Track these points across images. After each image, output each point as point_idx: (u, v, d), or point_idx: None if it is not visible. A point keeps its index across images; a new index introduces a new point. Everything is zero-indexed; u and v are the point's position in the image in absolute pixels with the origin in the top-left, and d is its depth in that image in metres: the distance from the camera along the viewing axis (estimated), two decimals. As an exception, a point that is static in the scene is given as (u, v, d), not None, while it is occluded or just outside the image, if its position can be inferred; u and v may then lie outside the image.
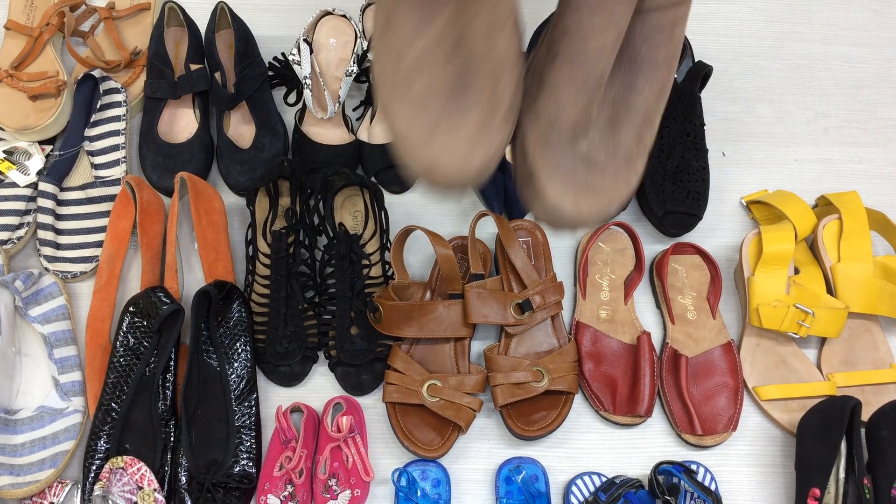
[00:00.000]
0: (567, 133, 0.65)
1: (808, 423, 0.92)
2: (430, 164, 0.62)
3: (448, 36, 0.60)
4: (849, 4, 1.28)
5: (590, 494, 0.90)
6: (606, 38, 0.61)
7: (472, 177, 0.63)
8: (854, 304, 0.98)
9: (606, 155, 0.66)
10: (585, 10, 0.60)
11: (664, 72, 0.65)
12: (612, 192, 0.66)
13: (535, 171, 0.66)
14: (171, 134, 1.08)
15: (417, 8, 0.60)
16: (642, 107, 0.65)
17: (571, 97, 0.63)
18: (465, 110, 0.62)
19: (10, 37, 1.11)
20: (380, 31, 0.64)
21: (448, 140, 0.62)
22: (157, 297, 0.91)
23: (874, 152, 1.17)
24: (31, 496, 0.87)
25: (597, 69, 0.62)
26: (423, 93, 0.62)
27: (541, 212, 0.68)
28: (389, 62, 0.63)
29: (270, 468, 0.90)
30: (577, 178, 0.65)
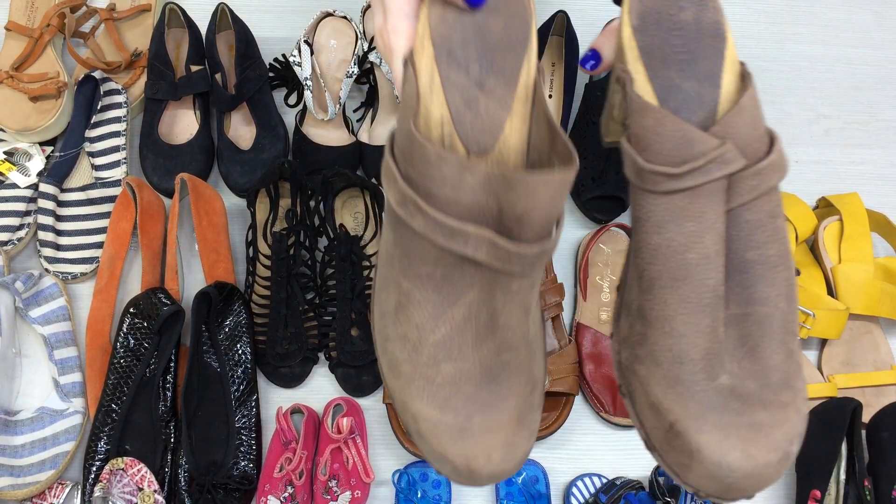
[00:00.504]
0: (701, 367, 0.51)
1: (809, 425, 0.91)
2: (466, 465, 0.51)
3: (475, 319, 0.52)
4: (850, 6, 1.28)
5: (590, 496, 0.90)
6: (706, 246, 0.50)
7: (512, 471, 0.53)
8: (855, 305, 0.98)
9: (757, 384, 0.52)
10: (671, 222, 0.50)
11: (784, 270, 0.54)
12: (784, 425, 0.50)
13: (677, 422, 0.51)
14: (171, 135, 1.08)
15: (436, 292, 0.51)
16: (776, 316, 0.53)
17: (692, 324, 0.51)
18: (501, 398, 0.53)
19: (11, 38, 1.11)
20: (390, 312, 0.54)
21: (486, 435, 0.51)
22: (158, 299, 0.91)
23: (875, 154, 1.17)
24: (32, 497, 0.87)
25: (707, 283, 0.51)
26: (449, 383, 0.52)
27: (701, 479, 0.50)
28: (406, 348, 0.53)
29: (271, 469, 0.89)
30: (734, 418, 0.50)
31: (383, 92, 1.09)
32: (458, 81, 0.52)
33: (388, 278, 0.54)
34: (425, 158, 0.47)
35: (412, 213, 0.49)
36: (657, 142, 0.49)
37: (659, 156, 0.49)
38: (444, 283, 0.51)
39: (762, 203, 0.53)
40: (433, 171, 0.47)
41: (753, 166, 0.51)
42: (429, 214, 0.48)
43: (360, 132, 1.09)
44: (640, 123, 0.50)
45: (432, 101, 0.51)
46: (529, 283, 0.51)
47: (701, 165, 0.49)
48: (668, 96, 0.52)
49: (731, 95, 0.53)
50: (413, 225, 0.49)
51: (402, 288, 0.52)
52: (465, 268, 0.50)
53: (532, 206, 0.46)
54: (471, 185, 0.47)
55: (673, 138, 0.49)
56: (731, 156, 0.49)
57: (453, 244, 0.48)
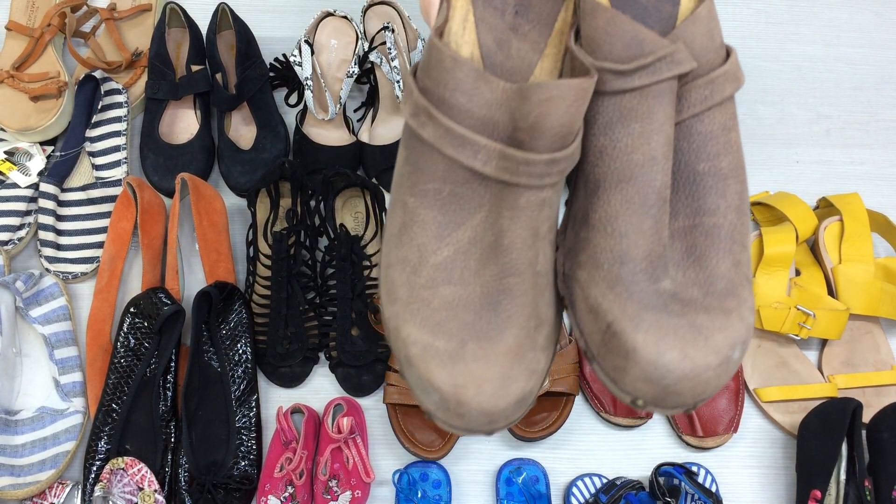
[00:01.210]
0: (643, 267, 0.49)
1: (809, 425, 0.91)
2: (454, 394, 0.47)
3: (480, 242, 0.50)
4: (850, 6, 1.28)
5: (590, 496, 0.90)
6: (653, 148, 0.49)
7: (506, 411, 0.48)
8: (855, 305, 0.98)
9: (701, 292, 0.50)
10: (618, 123, 0.49)
11: (735, 183, 0.52)
12: (727, 330, 0.48)
13: (614, 322, 0.48)
14: (172, 135, 1.08)
15: (441, 212, 0.49)
16: (724, 227, 0.51)
17: (634, 224, 0.49)
18: (499, 329, 0.49)
19: (12, 37, 1.11)
20: (395, 235, 0.52)
21: (477, 364, 0.47)
22: (158, 298, 0.91)
23: (876, 154, 1.17)
24: (32, 497, 0.87)
25: (653, 184, 0.49)
26: (445, 306, 0.49)
27: (637, 382, 0.48)
28: (405, 271, 0.51)
29: (271, 469, 0.90)
30: (674, 320, 0.48)
31: (383, 92, 1.09)
32: (493, 23, 0.51)
33: (396, 200, 0.52)
34: (441, 64, 0.46)
35: (423, 122, 0.48)
36: (607, 42, 0.48)
37: (609, 55, 0.48)
38: (451, 202, 0.49)
39: (715, 114, 0.52)
40: (447, 77, 0.46)
41: (707, 75, 0.50)
42: (439, 122, 0.47)
43: (360, 132, 1.09)
44: (591, 24, 0.48)
45: (464, 39, 0.51)
46: (538, 201, 0.48)
47: (650, 63, 0.47)
48: (624, 7, 0.51)
49: (689, 12, 0.51)
50: (423, 135, 0.48)
51: (407, 206, 0.51)
52: (474, 186, 0.49)
53: (546, 112, 0.45)
54: (486, 98, 0.46)
55: (623, 38, 0.48)
56: (682, 56, 0.48)
57: (462, 155, 0.47)
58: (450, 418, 0.48)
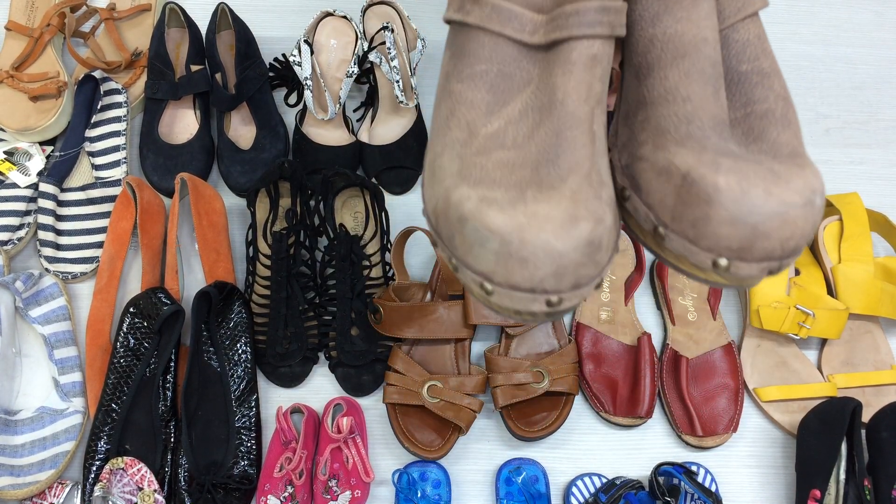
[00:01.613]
0: (712, 126, 0.48)
1: (809, 425, 0.91)
2: (516, 233, 0.43)
3: (532, 110, 0.48)
4: (850, 5, 1.28)
5: (590, 495, 0.90)
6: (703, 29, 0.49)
7: (574, 254, 0.43)
8: (855, 305, 0.98)
9: (769, 156, 0.49)
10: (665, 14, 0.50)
11: (777, 79, 0.53)
12: (805, 179, 0.46)
13: (692, 171, 0.46)
14: (171, 135, 1.08)
15: (489, 92, 0.49)
16: (777, 111, 0.52)
17: (696, 90, 0.48)
18: (560, 178, 0.46)
19: (11, 37, 1.11)
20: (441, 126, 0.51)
21: (539, 205, 0.44)
22: (158, 298, 0.91)
23: (875, 153, 1.17)
24: (32, 497, 0.87)
25: (709, 58, 0.49)
26: (502, 167, 0.47)
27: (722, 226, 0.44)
28: (454, 150, 0.49)
29: (270, 469, 0.90)
30: (752, 166, 0.46)
31: (383, 92, 1.09)
32: None
33: (442, 94, 0.51)
34: None
35: (469, 9, 0.49)
36: None
37: None
38: (498, 82, 0.49)
39: (749, 25, 0.54)
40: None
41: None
42: (486, 3, 0.48)
43: (360, 132, 1.09)
44: None
45: None
46: (590, 55, 0.48)
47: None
48: None
49: None
50: (469, 20, 0.49)
51: (453, 93, 0.50)
52: (522, 63, 0.49)
53: None
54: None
55: None
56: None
57: (509, 28, 0.48)
58: (510, 268, 0.44)
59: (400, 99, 1.04)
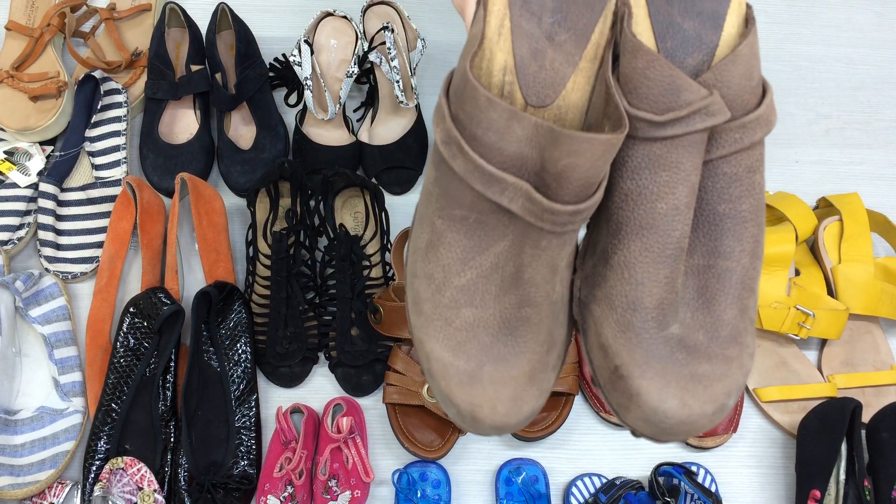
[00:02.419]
0: (654, 315, 0.52)
1: (809, 425, 0.91)
2: (470, 411, 0.51)
3: (501, 270, 0.52)
4: (850, 6, 1.28)
5: (590, 496, 0.90)
6: (678, 198, 0.50)
7: (516, 426, 0.52)
8: (855, 305, 0.98)
9: (707, 337, 0.53)
10: (645, 170, 0.50)
11: (753, 227, 0.53)
12: (725, 379, 0.51)
13: (622, 366, 0.52)
14: (171, 135, 1.08)
15: (467, 237, 0.52)
16: (736, 272, 0.53)
17: (650, 273, 0.51)
18: (514, 353, 0.53)
19: (11, 37, 1.11)
20: (421, 249, 0.55)
21: (493, 387, 0.52)
22: (158, 298, 0.91)
23: (875, 154, 1.17)
24: (32, 497, 0.87)
25: (673, 235, 0.51)
26: (466, 328, 0.53)
27: (638, 421, 0.52)
28: (430, 287, 0.54)
29: (270, 469, 0.89)
30: (676, 369, 0.51)
31: (383, 92, 1.09)
32: (529, 30, 0.51)
33: (425, 215, 0.55)
34: (475, 101, 0.47)
35: (454, 153, 0.49)
36: (645, 85, 0.48)
37: (645, 101, 0.48)
38: (476, 229, 0.51)
39: (743, 157, 0.52)
40: (481, 115, 0.47)
41: (740, 119, 0.50)
42: (470, 157, 0.48)
43: (360, 132, 1.09)
44: (631, 64, 0.49)
45: (499, 46, 0.51)
46: (560, 243, 0.51)
47: (684, 116, 0.48)
48: (665, 35, 0.51)
49: (732, 40, 0.51)
50: (454, 166, 0.49)
51: (435, 227, 0.53)
52: (500, 217, 0.50)
53: (573, 164, 0.46)
54: (517, 135, 0.47)
55: (661, 84, 0.48)
56: (717, 108, 0.48)
57: (489, 191, 0.49)
58: (465, 426, 0.53)
59: (400, 99, 1.04)
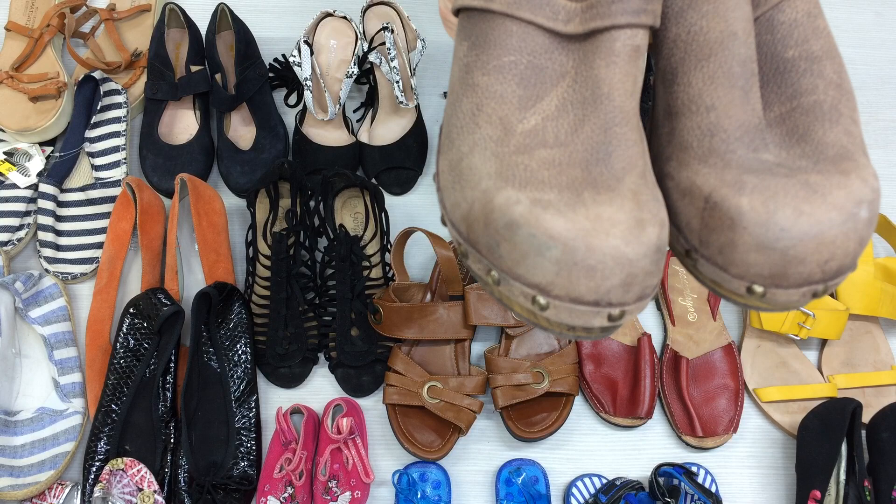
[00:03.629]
0: (738, 136, 0.44)
1: (809, 425, 0.91)
2: (582, 239, 0.38)
3: (572, 104, 0.44)
4: (850, 6, 1.28)
5: (590, 496, 0.90)
6: (730, 23, 0.45)
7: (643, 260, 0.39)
8: (855, 305, 0.98)
9: (811, 162, 0.44)
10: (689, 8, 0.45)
11: (832, 63, 0.47)
12: (848, 188, 0.41)
13: (713, 193, 0.43)
14: (171, 135, 1.08)
15: (520, 85, 0.44)
16: (827, 102, 0.46)
17: (720, 96, 0.44)
18: (616, 178, 0.42)
19: (11, 38, 1.11)
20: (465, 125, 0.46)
21: (601, 208, 0.40)
22: (158, 299, 0.91)
23: (875, 154, 1.17)
24: (31, 498, 0.87)
25: (737, 55, 0.45)
26: (548, 166, 0.42)
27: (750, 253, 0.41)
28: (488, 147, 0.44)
29: (270, 470, 0.89)
30: (782, 181, 0.42)
31: (383, 92, 1.09)
32: None
33: (462, 88, 0.46)
34: None
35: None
36: None
37: None
38: (529, 74, 0.44)
39: (797, 2, 0.47)
40: None
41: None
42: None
43: (360, 132, 1.09)
44: None
45: None
46: (634, 46, 0.44)
47: None
48: None
49: None
50: (493, 7, 0.45)
51: (479, 87, 0.45)
52: (555, 55, 0.45)
53: None
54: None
55: None
56: None
57: (540, 16, 0.44)
58: (574, 279, 0.39)
59: (400, 99, 1.04)
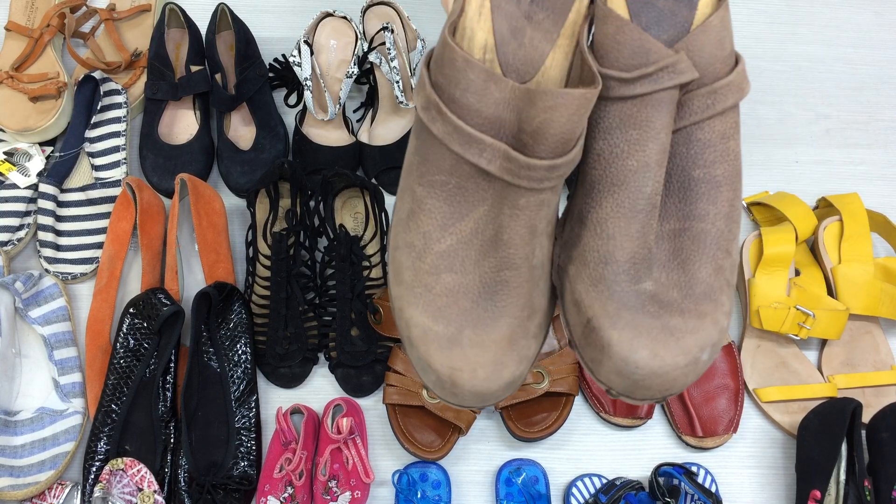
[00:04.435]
0: (626, 269, 0.52)
1: (809, 425, 0.91)
2: (450, 376, 0.51)
3: (481, 234, 0.52)
4: (850, 6, 1.28)
5: (590, 496, 0.90)
6: (648, 155, 0.51)
7: (497, 393, 0.52)
8: (855, 305, 0.98)
9: (680, 294, 0.53)
10: (616, 129, 0.51)
11: (728, 191, 0.53)
12: (698, 333, 0.51)
13: (594, 318, 0.52)
14: (171, 135, 1.08)
15: (447, 203, 0.52)
16: (711, 233, 0.53)
17: (622, 228, 0.52)
18: (494, 318, 0.53)
19: (11, 38, 1.11)
20: (403, 219, 0.55)
21: (473, 350, 0.51)
22: (158, 299, 0.91)
23: (875, 154, 1.17)
24: (32, 498, 0.87)
25: (643, 191, 0.51)
26: (446, 293, 0.53)
27: (610, 374, 0.52)
28: (411, 256, 0.54)
29: (270, 470, 0.89)
30: (648, 320, 0.51)
31: (383, 92, 1.09)
32: (508, 10, 0.52)
33: (406, 186, 0.55)
34: (453, 63, 0.48)
35: (434, 117, 0.50)
36: (615, 49, 0.50)
37: (615, 63, 0.50)
38: (456, 194, 0.52)
39: (716, 123, 0.53)
40: (459, 76, 0.48)
41: (710, 85, 0.52)
42: (449, 119, 0.49)
43: (360, 132, 1.09)
44: (602, 31, 0.51)
45: (479, 25, 0.52)
46: (538, 202, 0.51)
47: (652, 72, 0.49)
48: (640, 12, 0.52)
49: (706, 18, 0.52)
50: (433, 129, 0.50)
51: (416, 194, 0.53)
52: (479, 181, 0.51)
53: (549, 119, 0.47)
54: (494, 98, 0.48)
55: (630, 47, 0.50)
56: (684, 66, 0.50)
57: (468, 153, 0.50)
58: (445, 395, 0.52)
59: (400, 99, 1.04)
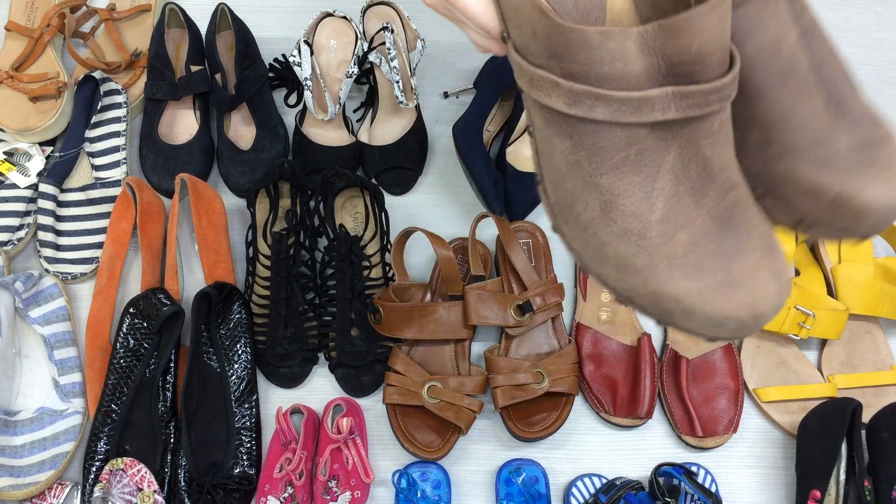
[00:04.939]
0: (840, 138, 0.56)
1: (809, 425, 0.91)
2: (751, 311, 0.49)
3: (685, 178, 0.51)
4: (850, 6, 1.28)
5: (590, 496, 0.90)
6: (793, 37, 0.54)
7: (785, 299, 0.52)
8: (855, 305, 0.98)
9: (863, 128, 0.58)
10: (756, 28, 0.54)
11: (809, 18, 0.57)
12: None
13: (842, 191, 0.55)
14: (171, 135, 1.08)
15: (636, 174, 0.50)
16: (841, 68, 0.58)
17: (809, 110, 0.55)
18: (745, 239, 0.52)
19: (11, 38, 1.11)
20: (597, 217, 0.53)
21: (753, 276, 0.50)
22: (158, 299, 0.91)
23: (875, 154, 1.17)
24: (32, 498, 0.87)
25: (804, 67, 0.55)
26: (690, 249, 0.51)
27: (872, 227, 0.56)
28: (632, 240, 0.51)
29: (270, 470, 0.89)
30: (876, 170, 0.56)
31: (383, 92, 1.09)
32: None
33: (578, 186, 0.53)
34: (588, 44, 0.47)
35: (591, 105, 0.49)
36: None
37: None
38: (638, 162, 0.50)
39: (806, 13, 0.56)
40: (601, 54, 0.47)
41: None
42: (610, 98, 0.48)
43: (360, 132, 1.09)
44: None
45: None
46: (726, 118, 0.51)
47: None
48: None
49: None
50: (596, 116, 0.49)
51: (601, 186, 0.52)
52: (655, 135, 0.50)
53: (707, 40, 0.46)
54: (634, 52, 0.47)
55: None
56: None
57: (643, 116, 0.48)
58: (748, 332, 0.51)
59: (400, 99, 1.04)
